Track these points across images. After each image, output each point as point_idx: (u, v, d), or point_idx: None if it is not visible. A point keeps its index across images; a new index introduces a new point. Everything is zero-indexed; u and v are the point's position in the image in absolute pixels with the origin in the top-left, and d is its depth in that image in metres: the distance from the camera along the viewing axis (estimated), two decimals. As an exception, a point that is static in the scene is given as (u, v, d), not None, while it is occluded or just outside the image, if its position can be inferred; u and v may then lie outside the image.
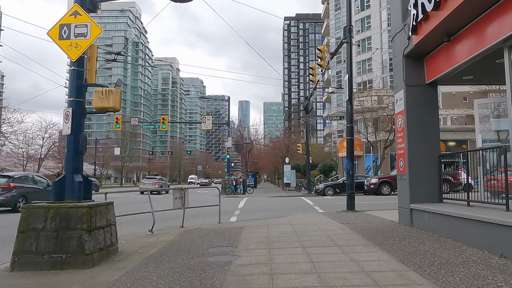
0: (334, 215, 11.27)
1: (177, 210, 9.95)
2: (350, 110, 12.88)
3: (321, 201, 18.86)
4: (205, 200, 21.98)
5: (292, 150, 41.23)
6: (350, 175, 12.74)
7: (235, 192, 29.86)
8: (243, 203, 18.43)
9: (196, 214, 13.21)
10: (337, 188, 23.85)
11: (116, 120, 32.89)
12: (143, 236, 8.33)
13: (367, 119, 31.14)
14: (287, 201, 19.92)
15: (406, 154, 8.31)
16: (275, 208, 15.28)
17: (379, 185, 21.15)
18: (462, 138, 33.62)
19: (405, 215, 8.33)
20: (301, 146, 29.91)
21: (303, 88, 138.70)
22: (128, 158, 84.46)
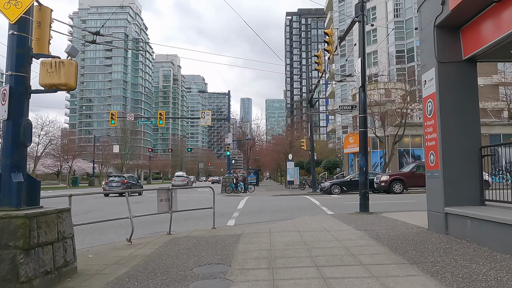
0: (347, 218, 9.79)
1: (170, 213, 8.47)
2: (363, 98, 11.38)
3: (328, 200, 17.37)
4: (205, 199, 20.53)
5: (295, 147, 39.72)
6: (364, 171, 11.25)
7: (236, 190, 28.39)
8: (243, 203, 16.97)
9: (189, 217, 11.76)
10: (344, 186, 22.34)
11: (112, 115, 31.45)
12: (119, 247, 6.88)
13: (374, 113, 29.56)
14: (291, 200, 18.44)
15: (438, 147, 6.80)
16: (278, 209, 13.80)
17: (390, 183, 19.63)
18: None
19: (438, 221, 6.83)
20: (305, 141, 28.39)
21: (305, 84, 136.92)
22: (128, 156, 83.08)
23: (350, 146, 34.54)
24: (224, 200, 19.74)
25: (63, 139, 54.98)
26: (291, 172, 30.65)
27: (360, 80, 11.25)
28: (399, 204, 14.40)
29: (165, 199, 8.22)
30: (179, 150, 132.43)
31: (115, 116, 31.71)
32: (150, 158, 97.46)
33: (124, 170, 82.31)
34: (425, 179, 20.63)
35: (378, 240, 6.35)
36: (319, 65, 17.52)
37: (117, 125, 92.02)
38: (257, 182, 49.33)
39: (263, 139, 52.81)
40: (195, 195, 26.62)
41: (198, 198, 21.17)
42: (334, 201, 16.62)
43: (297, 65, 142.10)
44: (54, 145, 53.48)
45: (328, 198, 18.59)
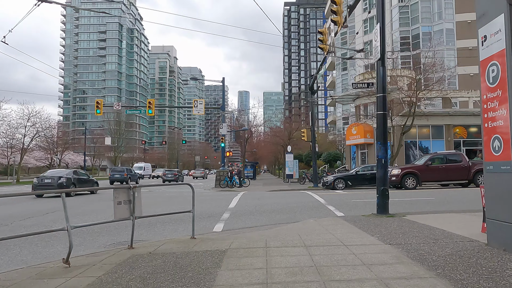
0: (365, 223, 7.72)
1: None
2: (382, 73, 9.25)
3: (333, 197, 15.31)
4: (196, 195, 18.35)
5: (294, 138, 37.64)
6: (383, 164, 9.15)
7: (230, 185, 26.33)
8: (236, 200, 14.88)
9: (169, 219, 9.66)
10: (349, 180, 20.29)
11: (97, 104, 29.20)
12: (49, 272, 4.77)
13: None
14: (291, 197, 16.37)
15: (511, 128, 4.69)
16: (277, 209, 11.72)
17: (402, 177, 17.55)
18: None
19: (507, 234, 4.75)
20: (306, 132, 26.26)
21: (304, 76, 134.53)
22: (122, 148, 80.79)
23: (353, 138, 32.47)
24: (216, 196, 17.66)
25: (51, 130, 52.45)
26: (290, 165, 28.58)
27: (379, 51, 9.11)
28: (418, 202, 12.34)
29: (125, 201, 6.08)
30: (175, 143, 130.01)
31: (101, 105, 29.45)
32: (145, 150, 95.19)
33: (117, 163, 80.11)
34: (442, 173, 18.28)
35: (426, 266, 4.27)
36: (323, 43, 15.32)
37: (111, 117, 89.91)
38: (254, 176, 47.32)
39: (260, 131, 50.63)
40: (186, 190, 24.59)
41: (186, 195, 19.08)
42: (340, 198, 14.55)
43: (295, 56, 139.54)
44: (42, 137, 51.10)
45: (332, 195, 16.53)
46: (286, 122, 50.16)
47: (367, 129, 31.35)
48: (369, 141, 31.43)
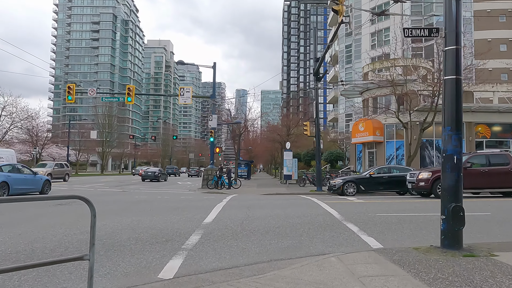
0: (433, 271, 4.00)
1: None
2: (454, 8, 5.54)
3: (347, 207, 11.61)
4: (166, 203, 14.64)
5: (293, 135, 33.95)
6: (454, 164, 5.44)
7: (218, 186, 22.61)
8: (219, 208, 11.12)
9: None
10: (362, 184, 16.58)
11: (68, 90, 25.35)
12: None
13: (393, 93, 23.72)
14: (292, 205, 12.61)
15: None
16: (273, 227, 7.99)
17: (433, 183, 13.83)
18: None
19: None
20: (308, 125, 22.53)
21: (303, 74, 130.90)
22: (109, 143, 76.70)
23: (360, 135, 28.78)
24: (195, 202, 13.89)
25: (30, 121, 48.37)
26: (289, 165, 24.85)
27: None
28: (473, 221, 8.60)
29: None
30: (169, 139, 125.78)
31: (73, 91, 25.61)
32: (135, 146, 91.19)
33: (105, 159, 76.16)
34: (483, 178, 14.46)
35: None
36: (338, 4, 11.57)
37: (102, 110, 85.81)
38: (248, 175, 43.58)
39: (256, 126, 46.80)
40: (174, 191, 20.86)
41: (160, 200, 15.28)
42: (358, 210, 10.82)
43: (294, 53, 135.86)
44: (19, 128, 47.10)
45: (345, 204, 12.81)
46: (285, 117, 46.39)
47: (376, 125, 27.68)
48: (379, 139, 27.77)
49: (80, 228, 7.61)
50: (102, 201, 13.39)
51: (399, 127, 27.75)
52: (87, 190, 21.25)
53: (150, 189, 23.03)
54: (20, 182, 15.81)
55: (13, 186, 15.06)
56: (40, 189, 17.03)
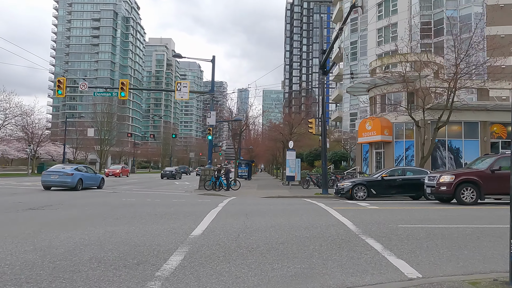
0: None
1: None
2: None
3: (361, 215, 10.09)
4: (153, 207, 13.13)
5: (296, 134, 32.43)
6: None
7: (216, 187, 21.11)
8: (212, 215, 9.62)
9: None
10: (373, 188, 15.04)
11: (58, 83, 23.86)
12: None
13: (404, 89, 22.14)
14: (297, 212, 11.07)
15: None
16: (276, 243, 6.49)
17: (456, 187, 12.25)
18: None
19: None
20: (314, 123, 20.97)
21: (305, 73, 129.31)
22: (108, 141, 75.28)
23: (367, 135, 27.24)
24: (187, 206, 12.38)
25: (25, 118, 46.91)
26: (291, 165, 23.32)
27: None
28: None
29: None
30: (170, 138, 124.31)
31: (63, 85, 24.11)
32: (135, 145, 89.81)
33: (103, 158, 74.78)
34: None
35: None
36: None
37: (103, 108, 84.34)
38: (249, 175, 42.08)
39: (257, 124, 45.23)
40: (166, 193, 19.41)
41: (149, 203, 13.79)
42: (375, 219, 9.29)
43: (297, 52, 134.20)
44: (13, 124, 45.68)
45: (358, 211, 11.27)
46: (287, 115, 44.75)
47: (385, 124, 26.13)
48: (387, 139, 26.22)
49: (37, 242, 6.11)
50: (83, 205, 11.92)
51: (409, 126, 26.21)
52: (71, 192, 19.75)
53: (142, 190, 21.55)
54: (88, 179, 21.00)
55: (85, 182, 20.37)
56: (98, 184, 21.97)
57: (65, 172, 19.55)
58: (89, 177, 21.28)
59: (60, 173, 19.52)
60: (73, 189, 19.26)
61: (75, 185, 19.46)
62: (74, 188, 19.33)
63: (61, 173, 19.56)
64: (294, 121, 34.32)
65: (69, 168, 20.73)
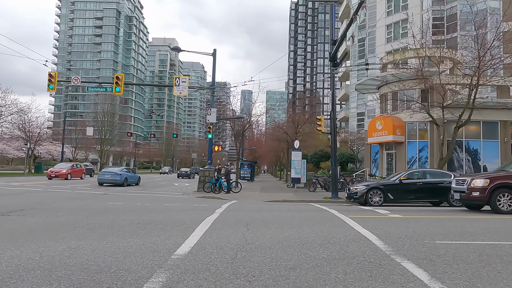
0: None
1: None
2: None
3: (385, 226, 8.48)
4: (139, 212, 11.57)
5: (301, 133, 30.85)
6: None
7: (216, 189, 19.56)
8: (205, 226, 8.03)
9: None
10: (390, 192, 13.44)
11: (50, 78, 22.44)
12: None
13: (420, 84, 20.51)
14: (307, 223, 9.47)
15: None
16: (283, 269, 4.96)
17: (491, 193, 10.61)
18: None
19: None
20: (322, 120, 19.38)
21: (309, 73, 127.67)
22: (109, 141, 73.97)
23: (377, 134, 25.60)
24: (178, 213, 10.81)
25: (22, 116, 45.53)
26: (297, 166, 21.73)
27: None
28: None
29: None
30: (172, 139, 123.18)
31: (55, 80, 22.69)
32: (136, 144, 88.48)
33: (103, 157, 73.45)
34: None
35: None
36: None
37: (104, 108, 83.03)
38: (251, 177, 40.57)
39: (260, 122, 43.55)
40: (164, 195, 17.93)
41: (137, 208, 12.27)
42: (402, 231, 7.68)
43: (301, 52, 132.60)
44: (9, 122, 44.32)
45: (378, 220, 9.66)
46: (291, 115, 43.07)
47: (397, 123, 24.49)
48: (399, 139, 24.57)
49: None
50: (59, 209, 10.39)
51: (423, 125, 24.58)
52: (60, 191, 18.27)
53: (137, 192, 20.03)
54: (130, 177, 26.33)
55: (128, 180, 25.55)
56: (136, 182, 26.98)
57: (115, 173, 24.87)
58: (131, 176, 26.78)
59: (112, 173, 24.76)
60: (121, 185, 24.10)
61: (122, 182, 24.51)
62: (121, 185, 24.28)
63: (113, 173, 24.82)
64: (300, 119, 32.68)
65: (118, 169, 26.30)
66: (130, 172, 27.41)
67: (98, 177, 25.43)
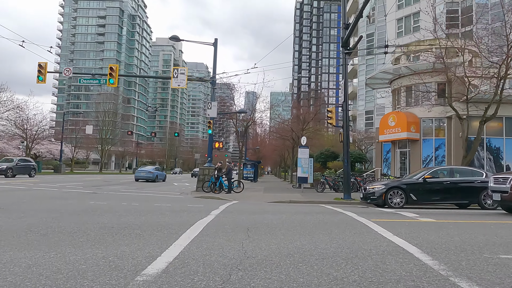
0: None
1: None
2: None
3: (421, 233, 6.81)
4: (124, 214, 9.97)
5: (308, 131, 29.20)
6: None
7: (216, 189, 17.94)
8: (193, 232, 6.40)
9: None
10: (412, 192, 11.75)
11: (39, 68, 20.93)
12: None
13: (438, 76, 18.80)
14: (322, 228, 7.81)
15: None
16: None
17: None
18: None
19: None
20: (334, 112, 17.67)
21: (314, 73, 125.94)
22: (111, 140, 72.65)
23: (390, 131, 23.87)
24: (166, 214, 9.17)
25: (19, 113, 44.20)
26: (304, 165, 20.06)
27: None
28: None
29: None
30: (175, 138, 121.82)
31: (45, 71, 21.18)
32: (138, 144, 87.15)
33: (104, 157, 72.11)
34: None
35: None
36: None
37: (107, 107, 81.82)
38: (255, 177, 38.93)
39: (264, 124, 41.92)
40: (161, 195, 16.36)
41: (121, 209, 10.69)
42: (446, 241, 6.00)
43: (306, 52, 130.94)
44: (5, 119, 43.02)
45: (409, 226, 7.98)
46: (297, 109, 41.40)
47: (411, 119, 22.76)
48: (414, 136, 22.83)
49: None
50: (25, 210, 8.81)
51: (440, 122, 22.84)
52: (45, 190, 16.73)
53: (130, 191, 18.46)
54: (160, 175, 32.79)
55: (159, 177, 31.89)
56: (163, 179, 33.29)
57: (149, 171, 31.40)
58: (160, 174, 33.18)
59: (146, 171, 31.29)
60: (153, 181, 30.09)
61: (154, 179, 30.64)
62: (153, 180, 30.36)
63: (147, 171, 31.34)
64: (306, 115, 31.01)
65: (151, 168, 33.55)
66: (159, 171, 33.89)
67: (135, 174, 31.80)
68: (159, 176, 31.76)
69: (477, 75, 17.31)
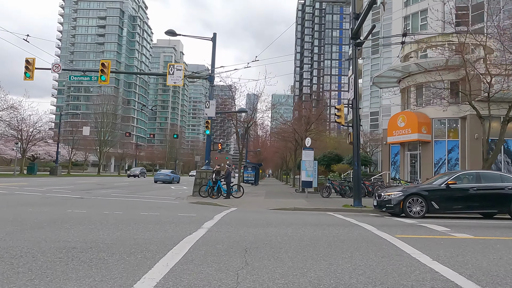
0: None
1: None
2: None
3: (469, 257, 5.41)
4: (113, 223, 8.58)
5: (313, 132, 27.86)
6: None
7: (213, 193, 16.57)
8: (179, 254, 5.06)
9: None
10: (434, 200, 10.35)
11: (27, 64, 19.65)
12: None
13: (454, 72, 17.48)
14: (339, 248, 6.41)
15: None
16: None
17: None
18: None
19: None
20: (342, 110, 16.32)
21: (316, 75, 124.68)
22: (110, 142, 71.36)
23: (399, 133, 22.48)
24: (149, 228, 7.78)
25: (13, 113, 42.88)
26: (309, 168, 18.70)
27: None
28: None
29: None
30: (176, 141, 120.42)
31: (33, 67, 19.88)
32: (137, 146, 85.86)
33: (102, 158, 70.79)
34: None
35: None
36: None
37: (107, 109, 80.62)
38: (256, 180, 37.56)
39: (266, 125, 40.59)
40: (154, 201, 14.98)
41: (101, 219, 9.34)
42: (507, 269, 4.61)
43: (308, 54, 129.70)
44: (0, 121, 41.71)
45: (445, 244, 6.59)
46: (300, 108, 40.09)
47: (422, 120, 21.38)
48: (425, 138, 21.43)
49: None
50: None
51: (453, 123, 21.45)
52: (25, 195, 15.39)
53: (121, 196, 17.08)
54: (175, 177, 37.94)
55: (174, 179, 37.13)
56: (178, 181, 38.22)
57: (167, 174, 37.37)
58: (176, 176, 38.16)
59: (164, 174, 37.07)
60: (170, 182, 35.06)
61: (171, 180, 35.71)
62: (170, 182, 35.37)
63: (165, 174, 37.11)
64: (311, 115, 29.67)
65: (168, 171, 39.63)
66: (175, 174, 39.80)
67: (154, 177, 37.42)
68: (174, 179, 36.93)
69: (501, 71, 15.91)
